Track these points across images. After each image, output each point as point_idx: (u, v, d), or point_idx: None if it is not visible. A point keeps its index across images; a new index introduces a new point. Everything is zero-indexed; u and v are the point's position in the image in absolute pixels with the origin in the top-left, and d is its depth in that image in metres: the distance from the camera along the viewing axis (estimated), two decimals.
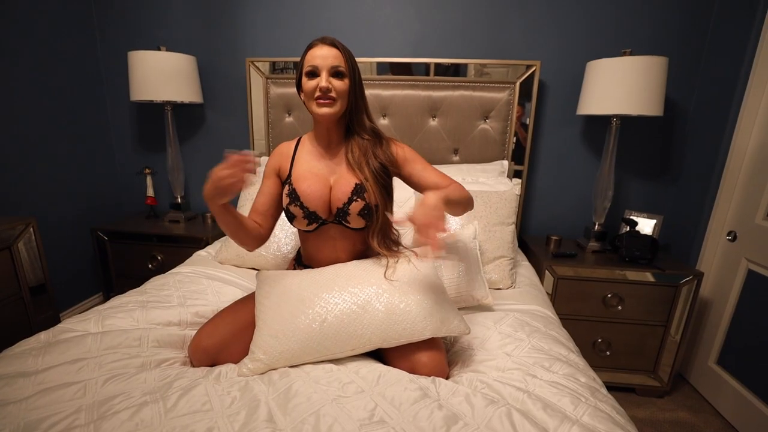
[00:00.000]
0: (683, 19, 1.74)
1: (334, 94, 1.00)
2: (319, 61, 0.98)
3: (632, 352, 1.68)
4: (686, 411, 1.64)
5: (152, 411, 0.74)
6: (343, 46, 1.01)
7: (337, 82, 1.00)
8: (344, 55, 1.00)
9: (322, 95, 0.99)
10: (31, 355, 0.89)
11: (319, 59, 0.98)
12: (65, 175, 2.03)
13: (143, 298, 1.19)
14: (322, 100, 1.00)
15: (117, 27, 2.08)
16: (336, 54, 0.99)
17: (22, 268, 1.55)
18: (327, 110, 1.01)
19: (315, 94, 1.00)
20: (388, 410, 0.77)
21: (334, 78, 1.00)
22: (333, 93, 0.99)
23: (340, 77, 1.00)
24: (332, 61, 0.99)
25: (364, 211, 1.05)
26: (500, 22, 1.85)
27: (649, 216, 1.82)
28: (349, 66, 1.01)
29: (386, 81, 1.89)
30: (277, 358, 0.91)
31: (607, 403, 0.83)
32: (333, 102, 1.00)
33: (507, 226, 1.53)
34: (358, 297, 0.96)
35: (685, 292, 1.58)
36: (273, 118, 2.00)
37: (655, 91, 1.54)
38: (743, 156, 1.57)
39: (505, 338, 1.06)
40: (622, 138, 1.83)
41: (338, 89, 1.00)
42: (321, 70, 0.99)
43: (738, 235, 1.59)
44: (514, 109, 1.84)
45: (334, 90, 0.99)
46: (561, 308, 1.63)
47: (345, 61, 1.00)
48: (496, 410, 0.77)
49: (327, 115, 1.01)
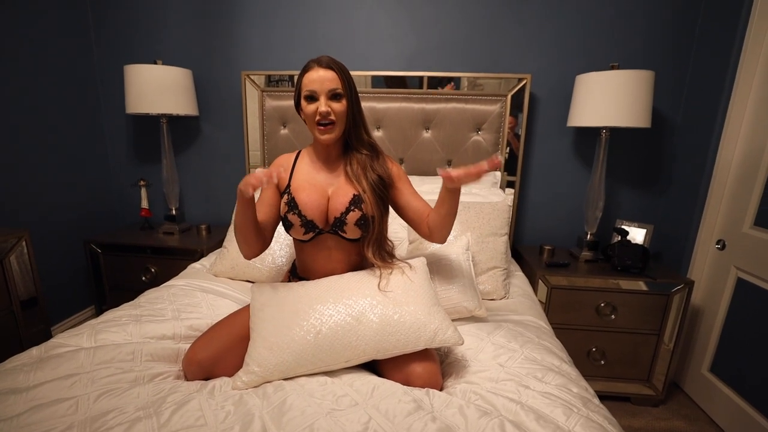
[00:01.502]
0: (669, 34, 1.79)
1: (333, 117, 1.03)
2: (317, 86, 1.01)
3: (626, 361, 1.69)
4: (682, 420, 1.65)
5: (145, 427, 0.74)
6: (339, 67, 1.03)
7: (336, 105, 1.03)
8: (341, 77, 1.03)
9: (322, 119, 1.03)
10: (22, 371, 0.88)
11: (317, 84, 1.01)
12: (59, 186, 2.03)
13: (137, 311, 1.18)
14: (322, 126, 1.04)
15: (113, 41, 2.10)
16: (332, 77, 1.02)
17: (14, 282, 1.54)
18: (328, 136, 1.05)
19: (315, 118, 1.03)
20: (382, 423, 0.77)
21: (332, 101, 1.03)
22: (332, 116, 1.03)
23: (338, 99, 1.03)
24: (329, 85, 1.01)
25: (361, 221, 1.06)
26: (492, 36, 1.89)
27: (639, 225, 1.84)
28: (346, 86, 1.04)
29: (380, 94, 1.91)
30: (272, 371, 0.91)
31: (599, 413, 0.84)
32: (333, 126, 1.04)
33: (500, 236, 1.54)
34: (353, 308, 0.97)
35: (676, 301, 1.60)
36: (268, 130, 2.02)
37: (642, 104, 1.58)
38: (729, 165, 1.61)
39: (498, 349, 1.06)
40: (611, 149, 1.87)
41: (337, 111, 1.03)
42: (319, 95, 1.02)
43: (726, 244, 1.62)
44: (506, 121, 1.87)
45: (333, 113, 1.02)
46: (555, 318, 1.64)
47: (342, 82, 1.03)
48: (489, 422, 0.77)
49: (329, 140, 1.06)
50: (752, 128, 1.53)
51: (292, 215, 1.07)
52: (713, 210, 1.67)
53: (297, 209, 1.07)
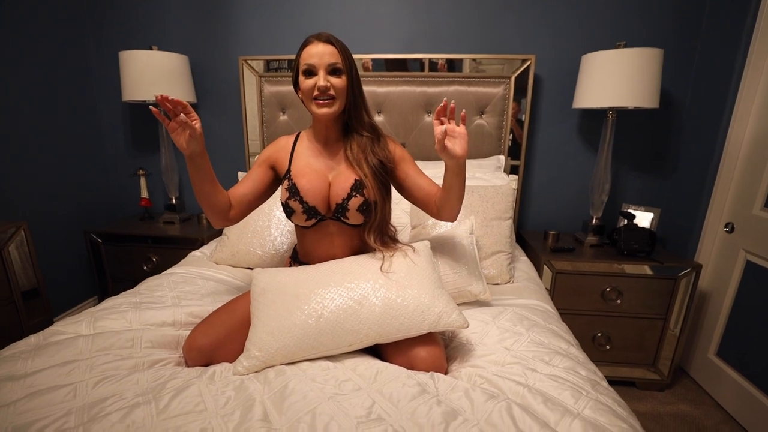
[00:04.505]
0: (677, 10, 1.73)
1: (333, 93, 0.98)
2: (316, 60, 0.97)
3: (632, 346, 1.68)
4: (687, 404, 1.64)
5: (144, 412, 0.72)
6: (339, 42, 0.99)
7: (335, 80, 0.98)
8: (341, 52, 0.98)
9: (321, 94, 0.98)
10: (20, 359, 0.87)
11: (316, 57, 0.97)
12: (57, 177, 2.00)
13: (137, 299, 1.17)
14: (320, 100, 0.99)
15: (109, 27, 2.06)
16: (332, 51, 0.98)
17: (14, 273, 1.53)
18: (326, 110, 1.00)
19: (313, 93, 0.99)
20: (386, 407, 0.76)
21: (332, 76, 0.98)
22: (332, 91, 0.98)
23: (338, 74, 0.99)
24: (329, 59, 0.97)
25: (363, 207, 1.04)
26: (494, 17, 1.84)
27: (646, 209, 1.81)
28: (347, 62, 0.99)
29: (381, 77, 1.87)
30: (273, 355, 0.90)
31: (608, 396, 0.82)
32: (332, 101, 0.99)
33: (504, 220, 1.52)
34: (355, 292, 0.94)
35: (683, 285, 1.57)
36: (267, 116, 1.98)
37: (650, 83, 1.54)
38: (739, 147, 1.57)
39: (504, 332, 1.04)
40: (618, 131, 1.83)
41: (337, 87, 0.98)
42: (318, 69, 0.97)
43: (735, 227, 1.58)
44: (509, 103, 1.83)
45: (332, 88, 0.98)
46: (560, 303, 1.62)
47: (342, 58, 0.98)
48: (496, 405, 0.75)
49: (327, 115, 1.00)
50: (764, 107, 1.48)
51: (294, 202, 1.05)
52: (722, 192, 1.63)
53: (298, 195, 1.04)
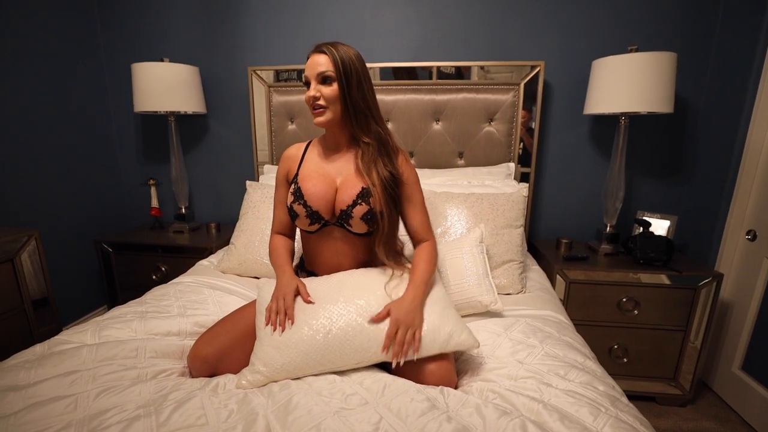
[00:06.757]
0: (689, 12, 1.70)
1: (322, 102, 0.99)
2: (309, 71, 1.00)
3: (651, 359, 1.61)
4: (711, 420, 1.56)
5: (144, 425, 0.70)
6: (332, 51, 0.97)
7: (325, 89, 0.98)
8: (332, 60, 0.97)
9: (312, 104, 1.00)
10: (24, 368, 0.86)
11: (309, 68, 1.00)
12: (69, 186, 2.03)
13: (142, 308, 1.16)
14: (314, 110, 1.01)
15: (120, 39, 2.10)
16: (323, 60, 0.97)
17: (25, 281, 1.54)
18: (319, 119, 1.02)
19: (310, 103, 1.01)
20: (394, 423, 0.72)
21: (323, 85, 0.99)
22: (321, 101, 0.99)
23: (329, 83, 0.98)
24: (318, 68, 0.98)
25: (367, 215, 1.02)
26: (502, 23, 1.83)
27: (662, 216, 1.75)
28: (338, 70, 0.97)
29: (389, 86, 1.87)
30: (278, 371, 0.87)
31: (629, 413, 0.78)
32: (323, 110, 1.00)
33: (515, 228, 1.48)
34: (365, 310, 0.92)
35: (704, 295, 1.51)
36: (276, 126, 1.99)
37: (664, 88, 1.50)
38: (759, 151, 1.51)
39: (516, 345, 1.01)
40: (631, 137, 1.78)
41: (326, 95, 0.98)
42: (310, 79, 1.00)
43: (758, 234, 1.52)
44: (518, 110, 1.80)
45: (322, 97, 0.99)
46: (574, 313, 1.56)
47: (333, 65, 0.97)
48: (509, 422, 0.72)
49: (321, 124, 1.03)
50: None
51: (298, 205, 1.04)
52: (742, 198, 1.57)
53: (302, 199, 1.04)
